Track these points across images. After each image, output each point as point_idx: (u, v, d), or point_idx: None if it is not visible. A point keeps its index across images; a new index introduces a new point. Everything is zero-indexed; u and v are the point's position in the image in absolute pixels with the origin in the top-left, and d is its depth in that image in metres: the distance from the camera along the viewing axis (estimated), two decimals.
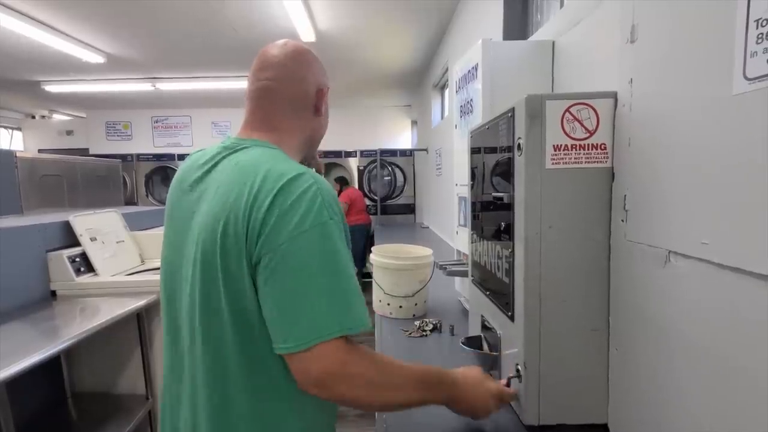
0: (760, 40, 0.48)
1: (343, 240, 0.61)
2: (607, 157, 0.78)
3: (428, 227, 4.62)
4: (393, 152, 5.72)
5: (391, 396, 0.64)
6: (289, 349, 0.57)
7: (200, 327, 0.63)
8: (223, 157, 0.69)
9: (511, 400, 0.84)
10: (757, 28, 0.49)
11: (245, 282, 0.59)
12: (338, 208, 0.62)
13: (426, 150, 4.76)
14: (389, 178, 5.72)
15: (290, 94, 0.74)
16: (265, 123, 0.73)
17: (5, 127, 6.89)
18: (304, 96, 0.75)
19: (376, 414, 0.93)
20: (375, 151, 5.62)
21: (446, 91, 4.20)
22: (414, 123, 6.88)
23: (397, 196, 5.70)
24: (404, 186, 5.70)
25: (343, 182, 5.12)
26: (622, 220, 0.76)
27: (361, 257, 4.88)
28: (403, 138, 7.08)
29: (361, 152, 5.67)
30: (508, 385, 0.85)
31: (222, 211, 0.60)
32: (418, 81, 5.26)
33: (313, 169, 0.71)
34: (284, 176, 0.60)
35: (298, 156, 0.77)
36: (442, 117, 4.37)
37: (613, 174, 0.78)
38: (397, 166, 5.70)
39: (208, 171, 0.69)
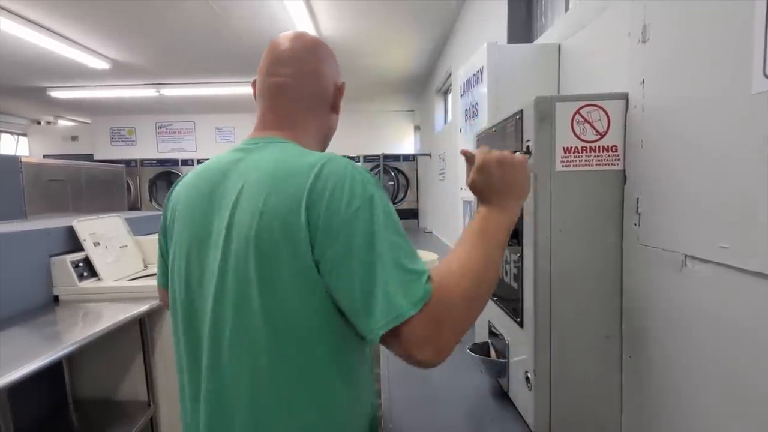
0: None
1: (388, 201, 0.59)
2: (619, 159, 0.77)
3: (431, 232, 4.60)
4: (396, 157, 5.72)
5: (482, 293, 0.58)
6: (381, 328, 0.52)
7: (230, 344, 0.59)
8: (239, 161, 0.65)
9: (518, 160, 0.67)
10: None
11: (296, 284, 0.56)
12: (370, 178, 0.59)
13: (429, 155, 4.75)
14: (392, 183, 5.71)
15: (309, 91, 0.70)
16: (281, 122, 0.69)
17: (11, 133, 6.95)
18: (322, 93, 0.72)
19: (383, 421, 0.91)
20: (378, 156, 5.62)
21: (449, 96, 4.20)
22: (417, 128, 6.88)
23: (400, 201, 5.69)
24: (407, 191, 5.69)
25: None
26: (635, 224, 0.74)
27: None
28: (406, 143, 7.08)
29: (365, 157, 5.67)
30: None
31: (252, 218, 0.57)
32: (421, 86, 5.27)
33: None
34: (314, 166, 0.57)
35: None
36: (445, 122, 4.37)
37: (625, 176, 0.77)
38: (400, 171, 5.69)
39: (225, 177, 0.64)
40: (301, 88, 0.70)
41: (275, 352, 0.58)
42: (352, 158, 5.81)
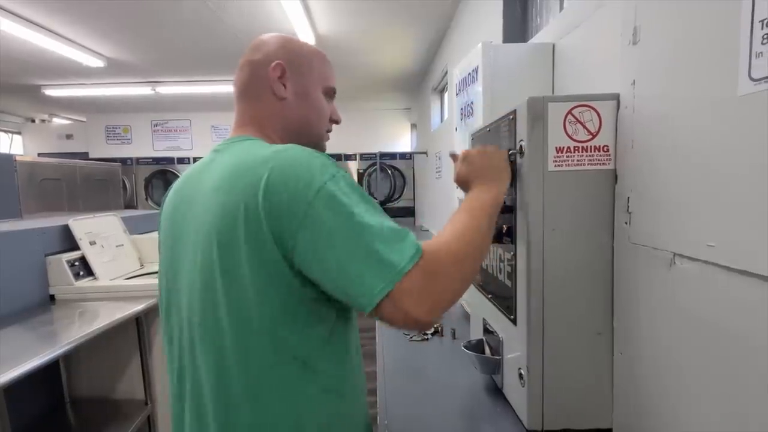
0: (765, 41, 0.48)
1: (351, 178, 0.59)
2: (610, 159, 0.78)
3: (428, 230, 4.61)
4: (393, 155, 5.73)
5: (472, 254, 0.62)
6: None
7: (200, 336, 0.62)
8: (211, 162, 0.69)
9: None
10: (762, 28, 0.48)
11: (260, 275, 0.57)
12: (331, 162, 0.60)
13: (425, 153, 4.76)
14: (389, 181, 5.73)
15: (244, 82, 0.73)
16: (243, 119, 0.74)
17: (5, 131, 6.89)
18: (256, 80, 0.72)
19: (378, 418, 0.92)
20: (375, 154, 5.62)
21: (445, 95, 4.20)
22: (413, 126, 6.88)
23: (396, 199, 5.71)
24: (404, 189, 5.70)
25: None
26: (626, 223, 0.75)
27: None
28: (402, 141, 7.08)
29: (361, 155, 5.68)
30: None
31: (215, 212, 0.59)
32: (418, 84, 5.27)
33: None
34: (270, 157, 0.58)
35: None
36: (441, 120, 4.37)
37: (615, 176, 0.78)
38: (397, 169, 5.71)
39: (199, 179, 0.68)
40: (241, 80, 0.74)
41: (238, 344, 0.59)
42: (348, 156, 5.80)
